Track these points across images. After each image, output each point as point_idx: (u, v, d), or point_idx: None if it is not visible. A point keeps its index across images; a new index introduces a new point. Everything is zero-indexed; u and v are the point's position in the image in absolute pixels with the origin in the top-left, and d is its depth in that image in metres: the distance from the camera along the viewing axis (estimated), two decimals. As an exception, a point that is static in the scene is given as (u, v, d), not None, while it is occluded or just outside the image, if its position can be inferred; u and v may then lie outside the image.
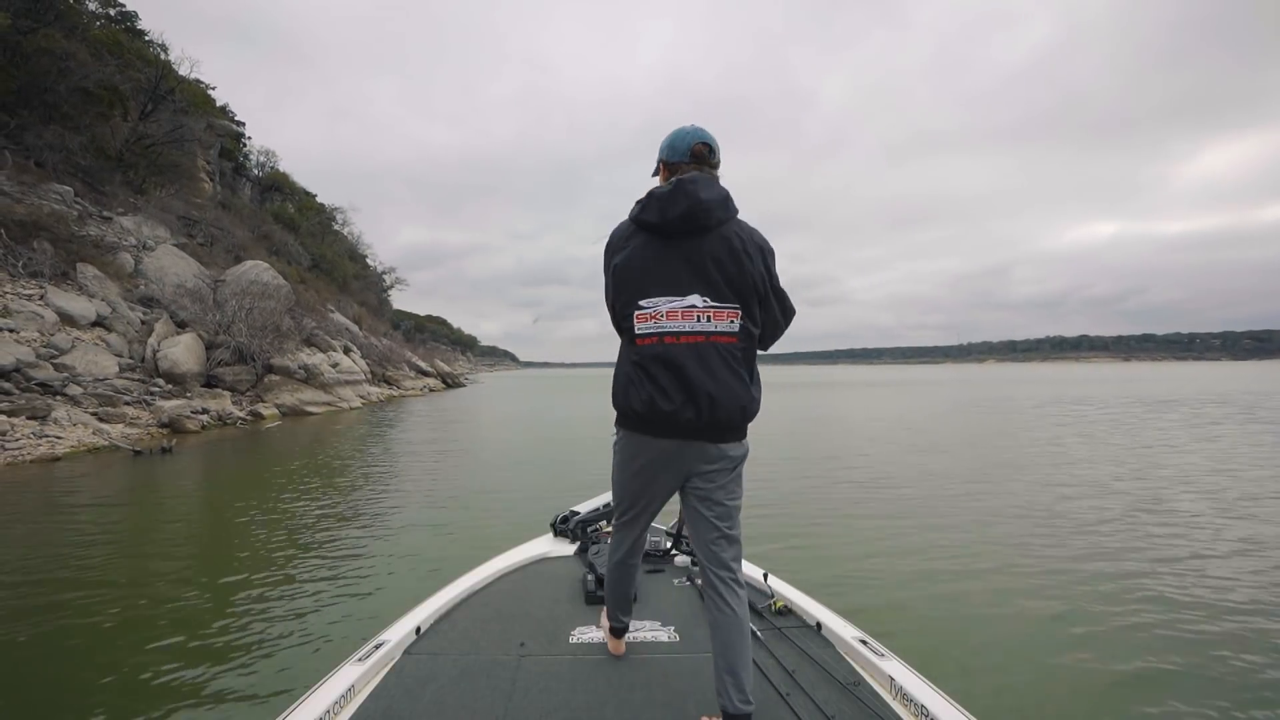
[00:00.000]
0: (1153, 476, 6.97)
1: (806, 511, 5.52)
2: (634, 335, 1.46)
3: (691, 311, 1.42)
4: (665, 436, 1.45)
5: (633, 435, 1.50)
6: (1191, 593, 3.54)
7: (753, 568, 2.30)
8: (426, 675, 1.63)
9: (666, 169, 1.55)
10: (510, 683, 1.59)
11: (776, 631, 1.88)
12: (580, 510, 2.92)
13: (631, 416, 1.48)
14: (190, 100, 26.12)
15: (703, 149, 1.50)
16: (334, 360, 20.04)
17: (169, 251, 18.45)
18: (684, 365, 1.40)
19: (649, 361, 1.43)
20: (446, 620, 1.99)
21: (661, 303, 1.43)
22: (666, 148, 1.54)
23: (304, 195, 42.64)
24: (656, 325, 1.43)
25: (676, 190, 1.42)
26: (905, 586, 3.69)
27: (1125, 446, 9.40)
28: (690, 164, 1.50)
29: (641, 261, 1.45)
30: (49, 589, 3.64)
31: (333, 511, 5.61)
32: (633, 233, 1.49)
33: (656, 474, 1.51)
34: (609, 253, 1.53)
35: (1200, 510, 5.41)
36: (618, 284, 1.49)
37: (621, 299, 1.48)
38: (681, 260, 1.43)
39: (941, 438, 10.87)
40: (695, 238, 1.44)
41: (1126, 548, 4.40)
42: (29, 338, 11.56)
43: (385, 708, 1.48)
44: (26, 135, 17.91)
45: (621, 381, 1.49)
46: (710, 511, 1.49)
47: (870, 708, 1.45)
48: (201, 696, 2.44)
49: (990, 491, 6.36)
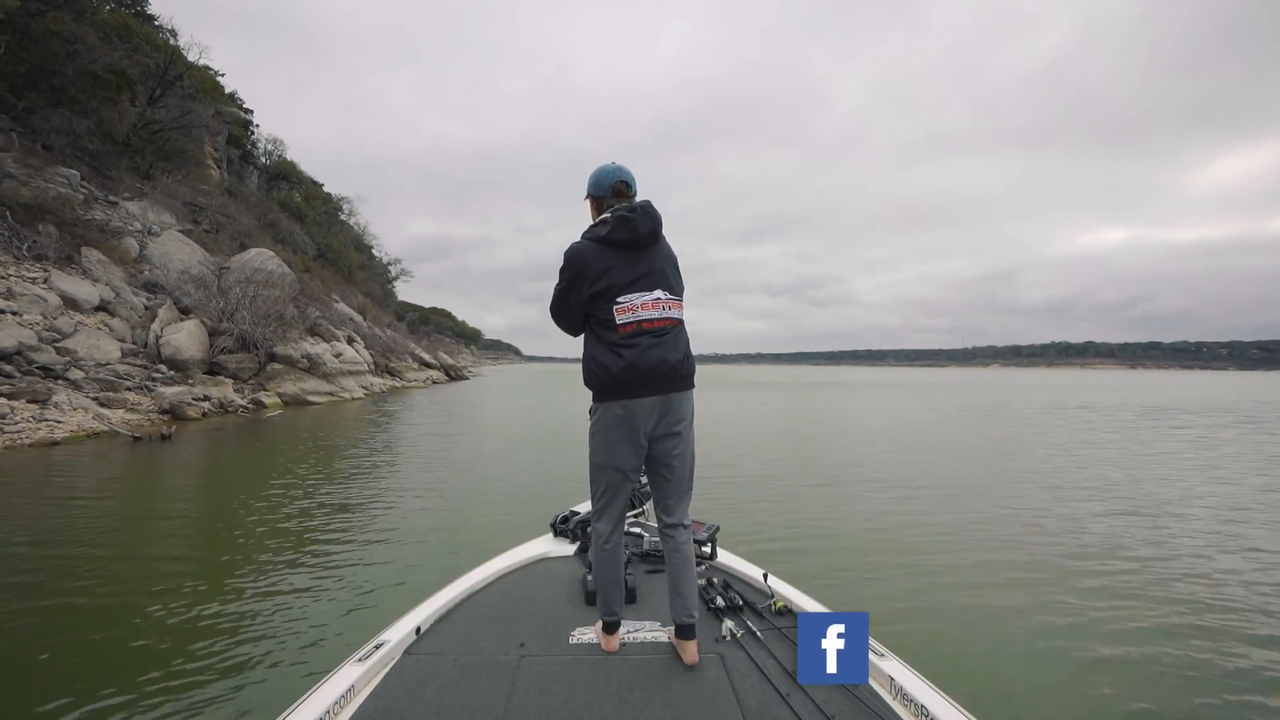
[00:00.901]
0: (1150, 482, 6.86)
1: (807, 512, 5.49)
2: (615, 324, 1.80)
3: (658, 303, 1.83)
4: (646, 395, 1.80)
5: (614, 404, 1.80)
6: (1201, 599, 3.50)
7: (753, 568, 2.33)
8: (427, 675, 1.63)
9: (595, 201, 1.95)
10: (510, 683, 1.59)
11: (776, 631, 1.87)
12: (580, 510, 2.90)
13: (613, 386, 1.79)
14: (198, 86, 26.08)
15: (622, 185, 1.92)
16: (337, 350, 20.01)
17: (174, 237, 18.42)
18: (659, 342, 1.81)
19: (631, 341, 1.79)
20: (446, 620, 1.99)
21: (635, 298, 1.81)
22: (593, 184, 1.93)
23: (311, 184, 42.62)
24: (634, 315, 1.81)
25: (643, 214, 1.83)
26: (906, 587, 3.70)
27: (1126, 453, 9.27)
28: (612, 197, 1.91)
29: (616, 268, 1.82)
30: (37, 581, 3.58)
31: (331, 505, 5.55)
32: (600, 249, 1.83)
33: (637, 432, 1.81)
34: (579, 265, 1.83)
35: (1216, 522, 5.30)
36: (597, 287, 1.82)
37: (602, 299, 1.82)
38: (645, 266, 1.84)
39: (942, 440, 10.75)
40: (649, 249, 1.87)
41: (1130, 551, 4.38)
42: (32, 320, 11.53)
43: (385, 708, 1.48)
44: (34, 118, 17.87)
45: (601, 361, 1.81)
46: (672, 475, 1.87)
47: (870, 708, 1.45)
48: (200, 696, 2.41)
49: (992, 493, 6.30)
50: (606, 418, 1.82)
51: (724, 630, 1.84)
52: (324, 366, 17.91)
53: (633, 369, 1.77)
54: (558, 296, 1.92)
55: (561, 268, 1.88)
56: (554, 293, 1.93)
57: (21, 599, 3.33)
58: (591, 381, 1.84)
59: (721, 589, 2.11)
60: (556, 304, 1.93)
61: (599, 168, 1.94)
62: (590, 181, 1.95)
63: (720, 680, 1.61)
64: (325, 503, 5.62)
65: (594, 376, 1.83)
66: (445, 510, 5.54)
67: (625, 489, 1.87)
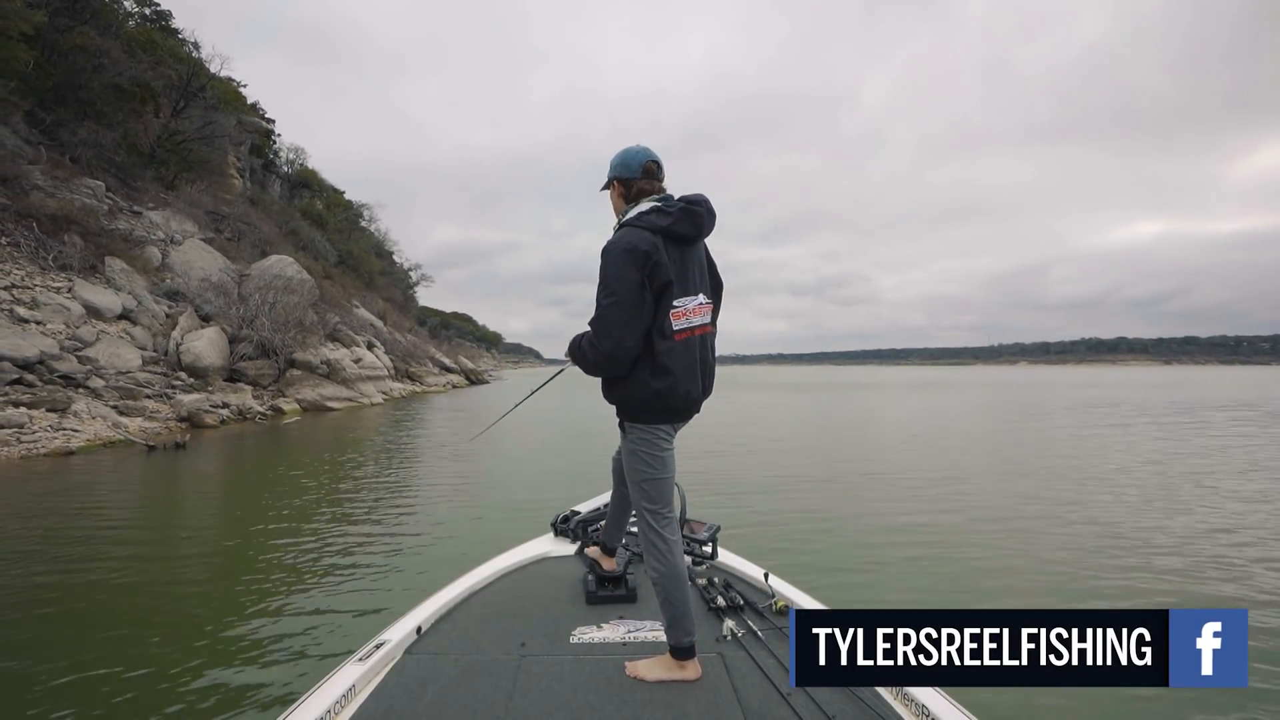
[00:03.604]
0: (1168, 477, 6.40)
1: (807, 512, 5.52)
2: (672, 331, 1.61)
3: (702, 308, 1.69)
4: (684, 419, 1.73)
5: (658, 427, 1.67)
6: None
7: (753, 567, 2.33)
8: (427, 675, 1.62)
9: (621, 185, 1.74)
10: (511, 683, 1.59)
11: (777, 631, 1.85)
12: (581, 510, 2.90)
13: (666, 411, 1.65)
14: (221, 97, 26.48)
15: (653, 165, 1.73)
16: (357, 355, 20.04)
17: (196, 246, 18.62)
18: (705, 355, 1.71)
19: (683, 352, 1.63)
20: (447, 620, 1.99)
21: (689, 301, 1.65)
22: (620, 165, 1.74)
23: (332, 192, 43.18)
24: (688, 321, 1.64)
25: (701, 206, 1.66)
26: (908, 587, 3.71)
27: (1153, 451, 8.69)
28: (642, 179, 1.72)
29: (674, 266, 1.62)
30: (43, 583, 3.61)
31: (336, 510, 5.58)
32: (657, 242, 1.60)
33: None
34: (643, 260, 1.56)
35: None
36: (660, 288, 1.59)
37: (664, 301, 1.60)
38: (694, 265, 1.69)
39: (962, 441, 10.26)
40: (697, 245, 1.73)
41: (1159, 557, 4.28)
42: (54, 330, 11.63)
43: (386, 707, 1.47)
44: (62, 131, 18.24)
45: (661, 379, 1.60)
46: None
47: (871, 708, 1.44)
48: (201, 696, 2.43)
49: (995, 494, 6.27)
50: (653, 440, 1.68)
51: (725, 630, 1.84)
52: (343, 372, 17.90)
53: (687, 395, 1.65)
54: (626, 301, 1.55)
55: (623, 263, 1.55)
56: (612, 298, 1.56)
57: (23, 597, 3.39)
58: (640, 396, 1.63)
59: (722, 589, 2.10)
60: (623, 312, 1.55)
61: (625, 149, 1.76)
62: (616, 163, 1.76)
63: (721, 680, 1.60)
64: (329, 508, 5.57)
65: (643, 392, 1.62)
66: (450, 512, 5.51)
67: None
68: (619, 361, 1.58)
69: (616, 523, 2.20)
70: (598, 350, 1.59)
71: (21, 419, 8.51)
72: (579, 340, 1.71)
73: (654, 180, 1.73)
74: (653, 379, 1.60)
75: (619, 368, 1.60)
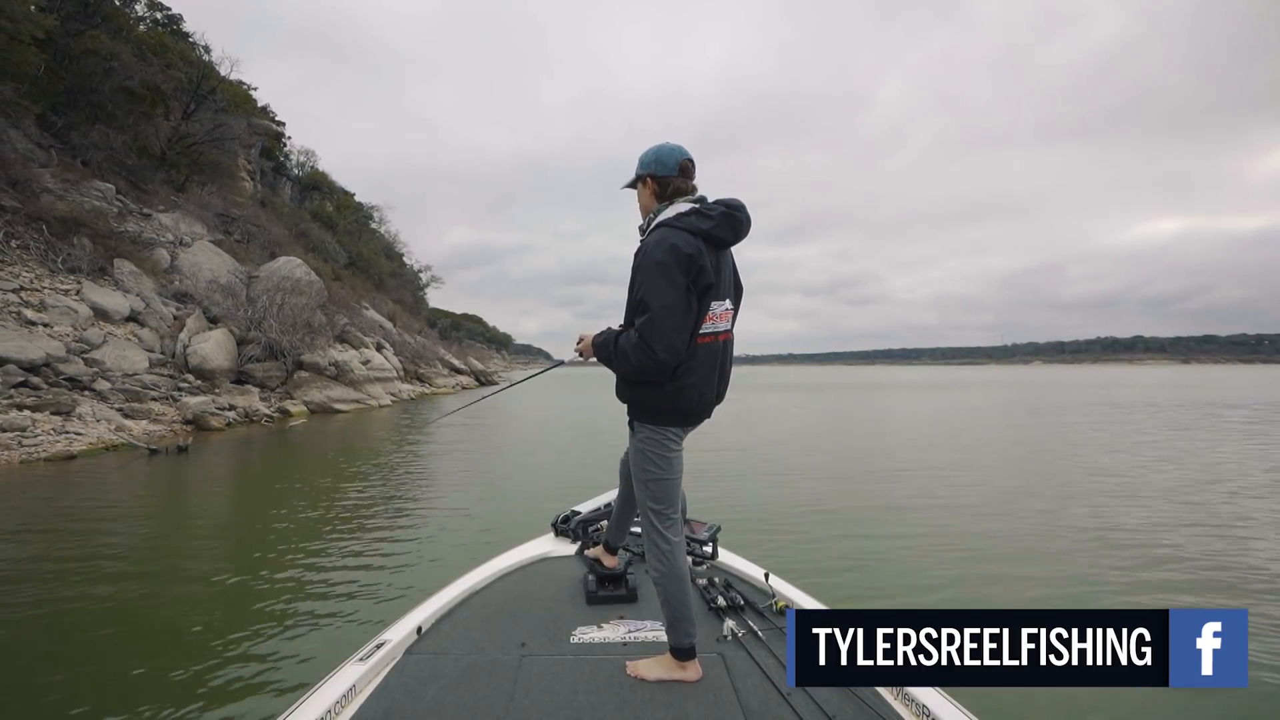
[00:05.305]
0: (1181, 476, 6.11)
1: (807, 512, 5.50)
2: (699, 335, 1.59)
3: (727, 313, 1.67)
4: (695, 423, 1.72)
5: (669, 428, 1.65)
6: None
7: (754, 567, 2.32)
8: (428, 675, 1.62)
9: (655, 182, 1.68)
10: (512, 683, 1.59)
11: (777, 631, 1.84)
12: (581, 510, 2.89)
13: (678, 413, 1.63)
14: (231, 100, 26.56)
15: (688, 164, 1.68)
16: (365, 357, 19.94)
17: (205, 248, 18.63)
18: (724, 360, 1.69)
19: (705, 357, 1.61)
20: (448, 620, 1.99)
21: (718, 307, 1.63)
22: (655, 162, 1.67)
23: (342, 194, 43.30)
24: (714, 326, 1.63)
25: (741, 212, 1.62)
26: (908, 587, 3.69)
27: (1171, 451, 8.33)
28: (679, 177, 1.67)
29: (713, 271, 1.59)
30: (44, 589, 3.59)
31: (337, 511, 5.55)
32: (700, 245, 1.56)
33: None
34: (688, 263, 1.52)
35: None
36: (702, 291, 1.56)
37: (702, 306, 1.58)
38: (726, 270, 1.66)
39: (964, 444, 9.92)
40: (729, 250, 1.68)
41: (1173, 562, 4.19)
42: (61, 332, 11.58)
43: (386, 707, 1.47)
44: (73, 135, 18.32)
45: (680, 382, 1.58)
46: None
47: (871, 707, 1.43)
48: (202, 696, 2.45)
49: (997, 494, 6.26)
50: (664, 442, 1.66)
51: (725, 630, 1.83)
52: (351, 374, 17.80)
53: (702, 398, 1.64)
54: (677, 305, 1.51)
55: (671, 266, 1.50)
56: (662, 301, 1.50)
57: (25, 601, 3.40)
58: (656, 399, 1.61)
59: (723, 589, 2.10)
60: (675, 316, 1.51)
61: (658, 145, 1.70)
62: (649, 159, 1.69)
63: (721, 680, 1.60)
64: (329, 511, 5.51)
65: (657, 394, 1.60)
66: (452, 513, 5.47)
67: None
68: (667, 366, 1.53)
69: (621, 523, 2.17)
70: (649, 354, 1.51)
71: (24, 422, 8.42)
72: (613, 339, 1.63)
73: (688, 179, 1.68)
74: (671, 381, 1.59)
75: (665, 372, 1.55)
